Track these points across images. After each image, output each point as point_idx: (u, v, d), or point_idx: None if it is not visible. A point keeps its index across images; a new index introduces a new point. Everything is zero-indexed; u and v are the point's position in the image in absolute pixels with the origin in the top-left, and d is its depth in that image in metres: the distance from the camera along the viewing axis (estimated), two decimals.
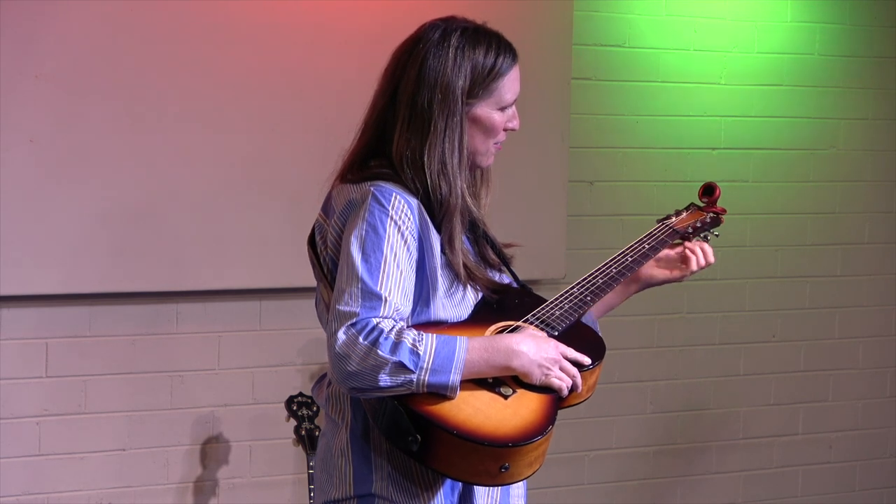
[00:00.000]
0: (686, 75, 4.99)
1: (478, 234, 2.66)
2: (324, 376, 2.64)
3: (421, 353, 2.36)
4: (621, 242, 2.85)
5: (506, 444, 2.38)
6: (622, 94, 4.90)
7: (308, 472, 4.08)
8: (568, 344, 2.53)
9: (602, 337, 2.65)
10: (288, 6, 4.27)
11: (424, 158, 2.51)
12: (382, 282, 2.41)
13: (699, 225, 2.93)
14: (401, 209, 2.47)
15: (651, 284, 2.90)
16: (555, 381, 2.47)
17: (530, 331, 2.53)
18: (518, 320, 2.57)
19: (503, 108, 2.59)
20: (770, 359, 5.24)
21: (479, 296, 2.62)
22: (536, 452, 2.43)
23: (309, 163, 4.09)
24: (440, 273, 2.54)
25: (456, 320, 2.56)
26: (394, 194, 2.48)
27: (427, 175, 2.51)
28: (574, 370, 2.50)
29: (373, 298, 2.39)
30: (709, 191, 2.99)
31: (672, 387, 5.10)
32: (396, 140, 2.53)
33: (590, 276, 2.71)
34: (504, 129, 2.61)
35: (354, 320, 2.37)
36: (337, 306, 2.40)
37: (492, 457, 2.38)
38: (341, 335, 2.37)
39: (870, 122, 5.31)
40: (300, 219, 3.05)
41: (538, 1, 4.59)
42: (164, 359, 4.29)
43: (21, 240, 4.01)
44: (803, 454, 5.33)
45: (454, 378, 2.38)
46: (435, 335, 2.40)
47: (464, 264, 2.56)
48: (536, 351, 2.47)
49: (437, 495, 2.53)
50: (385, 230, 2.45)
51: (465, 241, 2.61)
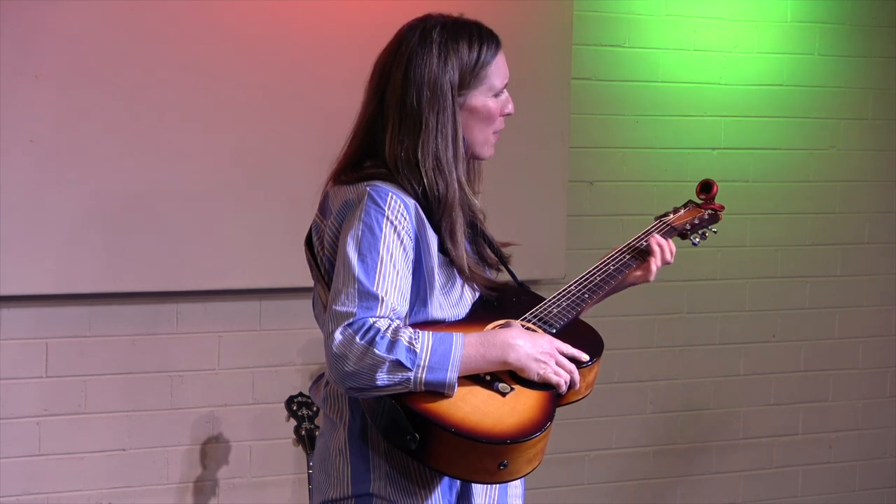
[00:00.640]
0: (686, 75, 4.99)
1: (476, 232, 2.67)
2: (321, 376, 2.64)
3: (418, 350, 2.36)
4: (621, 242, 2.85)
5: (504, 440, 2.38)
6: (622, 94, 4.90)
7: (308, 472, 4.08)
8: (566, 341, 2.53)
9: (600, 334, 2.64)
10: (287, 7, 4.27)
11: (418, 157, 2.51)
12: (379, 282, 2.41)
13: (697, 222, 2.93)
14: (397, 209, 2.47)
15: (621, 288, 2.84)
16: (552, 377, 2.47)
17: (525, 326, 2.54)
18: (516, 318, 2.57)
19: (496, 95, 2.60)
20: (770, 359, 5.24)
21: (477, 295, 2.63)
22: (535, 449, 2.43)
23: (309, 163, 4.08)
24: (437, 272, 2.54)
25: (453, 319, 2.56)
26: (390, 194, 2.48)
27: (423, 173, 2.51)
28: (571, 366, 2.50)
29: (369, 299, 2.40)
30: (706, 187, 2.99)
31: (672, 387, 5.10)
32: (389, 143, 2.53)
33: (587, 274, 2.71)
34: (501, 115, 2.62)
35: (351, 320, 2.37)
36: (334, 307, 2.40)
37: (490, 454, 2.38)
38: (338, 335, 2.37)
39: (870, 122, 5.31)
40: (300, 219, 3.04)
41: (538, 1, 4.59)
42: (163, 359, 4.29)
43: (21, 240, 4.01)
44: (803, 454, 5.33)
45: (451, 375, 2.38)
46: (431, 333, 2.41)
47: (466, 262, 2.56)
48: (532, 345, 2.47)
49: (435, 494, 2.53)
50: (381, 230, 2.45)
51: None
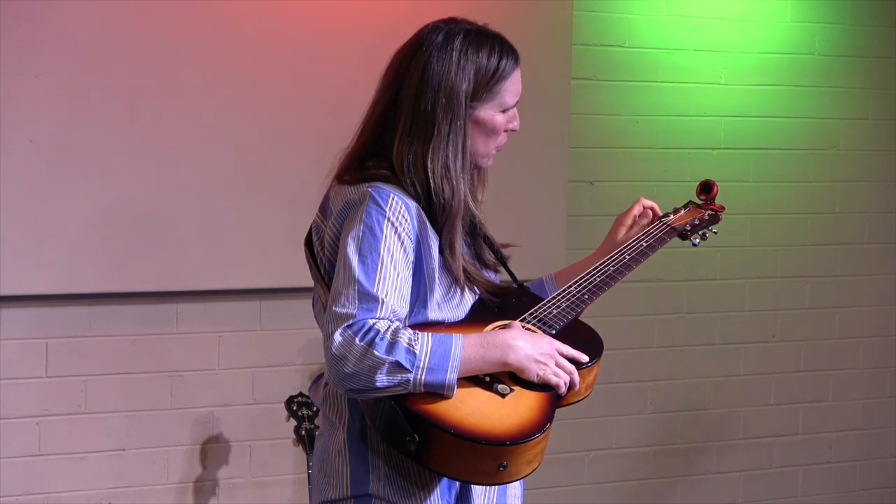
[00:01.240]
0: (686, 75, 4.99)
1: (476, 234, 2.66)
2: (320, 376, 2.64)
3: (417, 352, 2.36)
4: None
5: (503, 442, 2.38)
6: (622, 94, 4.90)
7: (308, 472, 4.08)
8: (565, 342, 2.53)
9: (600, 335, 2.64)
10: (287, 8, 4.27)
11: (427, 162, 2.51)
12: (379, 284, 2.41)
13: (697, 222, 2.93)
14: (398, 211, 2.47)
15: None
16: (552, 377, 2.47)
17: (524, 327, 2.54)
18: (515, 319, 2.57)
19: (505, 111, 2.59)
20: (770, 359, 5.24)
21: (477, 296, 2.62)
22: (535, 450, 2.43)
23: (308, 163, 4.09)
24: (438, 274, 2.54)
25: (453, 320, 2.56)
26: (391, 196, 2.48)
27: (430, 178, 2.51)
28: (571, 367, 2.50)
29: (369, 300, 2.39)
30: (706, 188, 2.99)
31: (672, 387, 5.10)
32: (398, 143, 2.52)
33: (587, 275, 2.71)
34: (505, 131, 2.62)
35: (351, 322, 2.37)
36: (333, 308, 2.40)
37: (490, 455, 2.38)
38: (338, 336, 2.37)
39: (870, 122, 5.31)
40: (300, 219, 3.04)
41: (538, 1, 4.59)
42: (163, 359, 4.29)
43: (21, 240, 4.01)
44: (803, 454, 5.33)
45: (451, 376, 2.38)
46: (431, 334, 2.40)
47: (463, 268, 2.56)
48: (532, 346, 2.47)
49: (434, 495, 2.53)
50: (382, 232, 2.45)
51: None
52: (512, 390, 2.45)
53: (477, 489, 2.57)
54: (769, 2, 5.10)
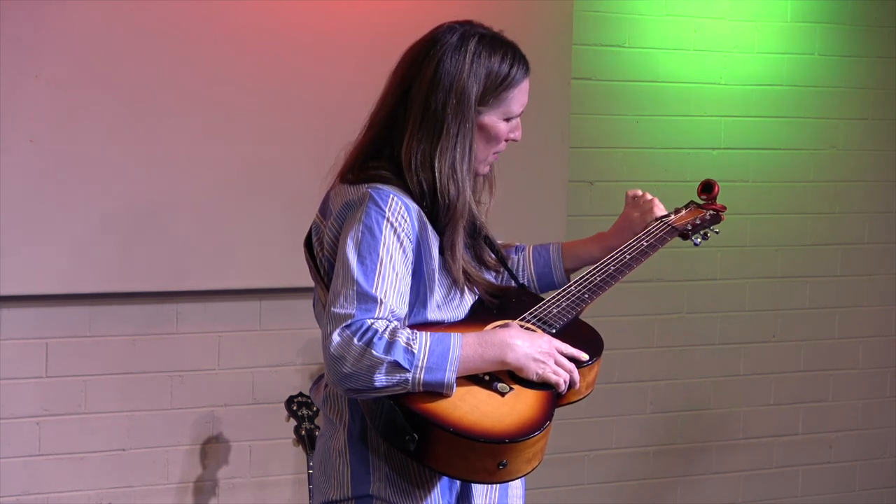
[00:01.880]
0: (686, 75, 4.99)
1: (477, 235, 2.66)
2: (321, 377, 2.64)
3: (415, 351, 2.36)
4: None
5: (503, 440, 2.38)
6: (622, 94, 4.90)
7: (308, 472, 4.08)
8: (565, 341, 2.53)
9: (600, 334, 2.64)
10: (288, 9, 4.27)
11: (435, 161, 2.51)
12: (378, 284, 2.41)
13: (698, 222, 2.92)
14: (397, 211, 2.47)
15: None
16: (551, 376, 2.47)
17: (524, 327, 2.54)
18: (515, 319, 2.57)
19: (509, 119, 2.59)
20: (770, 359, 5.24)
21: (477, 297, 2.63)
22: (534, 449, 2.43)
23: (308, 163, 4.07)
24: (438, 275, 2.54)
25: (453, 320, 2.56)
26: (391, 196, 2.48)
27: (437, 178, 2.51)
28: (570, 365, 2.50)
29: (368, 300, 2.39)
30: (707, 188, 2.98)
31: (672, 387, 5.10)
32: (407, 140, 2.52)
33: (588, 274, 2.71)
34: (506, 140, 2.62)
35: (349, 322, 2.37)
36: (332, 308, 2.40)
37: (489, 454, 2.38)
38: (336, 337, 2.37)
39: (870, 122, 5.31)
40: (300, 219, 3.04)
41: (538, 1, 4.60)
42: (164, 359, 4.29)
43: (21, 240, 4.01)
44: (803, 454, 5.33)
45: (450, 375, 2.38)
46: (429, 333, 2.40)
47: (463, 269, 2.56)
48: (530, 345, 2.47)
49: (435, 495, 2.53)
50: (381, 232, 2.45)
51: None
52: (511, 389, 2.45)
53: (478, 489, 2.57)
54: (769, 2, 5.11)
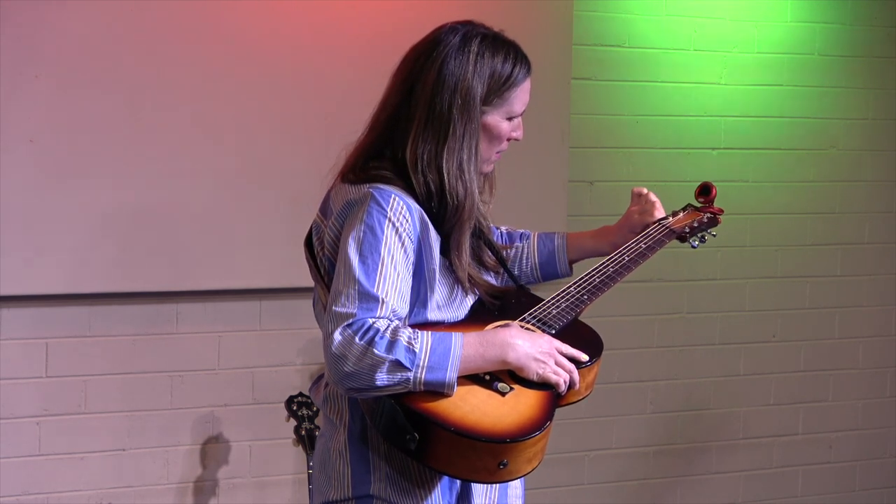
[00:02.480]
0: (686, 75, 4.99)
1: (478, 236, 2.66)
2: (321, 377, 2.64)
3: (417, 350, 2.36)
4: None
5: (503, 440, 2.38)
6: (622, 94, 4.90)
7: (308, 472, 4.08)
8: (565, 341, 2.53)
9: (600, 335, 2.65)
10: (288, 8, 4.27)
11: (443, 162, 2.51)
12: (379, 283, 2.41)
13: (696, 225, 2.93)
14: (399, 211, 2.47)
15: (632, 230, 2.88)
16: (551, 376, 2.47)
17: (524, 327, 2.54)
18: (515, 319, 2.57)
19: (511, 118, 2.59)
20: (770, 359, 5.25)
21: (477, 297, 2.63)
22: (535, 448, 2.43)
23: (309, 163, 4.09)
24: (439, 276, 2.54)
25: (453, 320, 2.57)
26: (392, 196, 2.48)
27: (445, 178, 2.51)
28: (570, 365, 2.51)
29: (369, 300, 2.39)
30: (705, 191, 2.99)
31: (672, 387, 5.10)
32: (412, 141, 2.52)
33: (587, 276, 2.71)
34: (508, 139, 2.62)
35: (351, 321, 2.37)
36: (333, 307, 2.40)
37: (490, 453, 2.38)
38: (337, 336, 2.37)
39: (870, 122, 5.31)
40: (300, 219, 3.04)
41: (538, 1, 4.60)
42: (164, 359, 4.29)
43: (21, 240, 4.02)
44: (803, 454, 5.33)
45: (451, 375, 2.38)
46: (430, 333, 2.41)
47: (468, 273, 2.57)
48: (531, 345, 2.47)
49: (435, 495, 2.53)
50: (383, 232, 2.45)
51: None
52: (512, 389, 2.46)
53: (478, 489, 2.57)
54: (769, 2, 5.11)
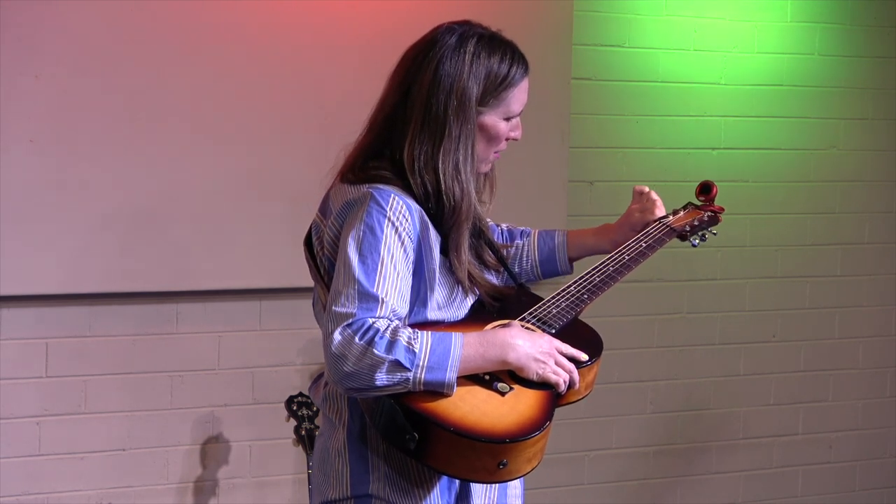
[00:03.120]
0: (686, 75, 4.99)
1: (478, 236, 2.66)
2: (320, 376, 2.64)
3: (417, 350, 2.36)
4: None
5: (503, 440, 2.38)
6: (622, 94, 4.90)
7: (308, 472, 4.08)
8: (565, 341, 2.53)
9: (600, 334, 2.65)
10: (288, 9, 4.27)
11: (439, 163, 2.51)
12: (379, 283, 2.41)
13: (696, 223, 2.92)
14: (399, 211, 2.47)
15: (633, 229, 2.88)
16: (551, 376, 2.47)
17: (524, 327, 2.54)
18: (515, 318, 2.57)
19: (509, 118, 2.59)
20: (770, 359, 5.24)
21: (477, 296, 2.63)
22: (535, 448, 2.43)
23: (308, 163, 4.09)
24: (439, 275, 2.54)
25: (453, 320, 2.57)
26: (392, 196, 2.48)
27: (441, 179, 2.51)
28: (570, 365, 2.51)
29: (369, 300, 2.39)
30: (705, 189, 2.99)
31: (672, 387, 5.10)
32: (409, 142, 2.52)
33: (587, 275, 2.71)
34: (506, 139, 2.62)
35: (351, 321, 2.37)
36: (333, 307, 2.40)
37: (489, 453, 2.38)
38: (337, 336, 2.37)
39: (870, 122, 5.31)
40: (300, 219, 3.04)
41: (538, 1, 4.60)
42: (164, 359, 4.29)
43: (21, 240, 4.02)
44: (803, 454, 5.33)
45: (450, 375, 2.38)
46: (430, 332, 2.41)
47: (468, 272, 2.57)
48: (531, 345, 2.47)
49: (434, 495, 2.53)
50: (382, 231, 2.45)
51: None
52: (511, 388, 2.46)
53: (477, 489, 2.57)
54: (769, 2, 5.11)
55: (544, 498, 4.84)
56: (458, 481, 2.55)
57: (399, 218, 2.47)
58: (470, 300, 2.61)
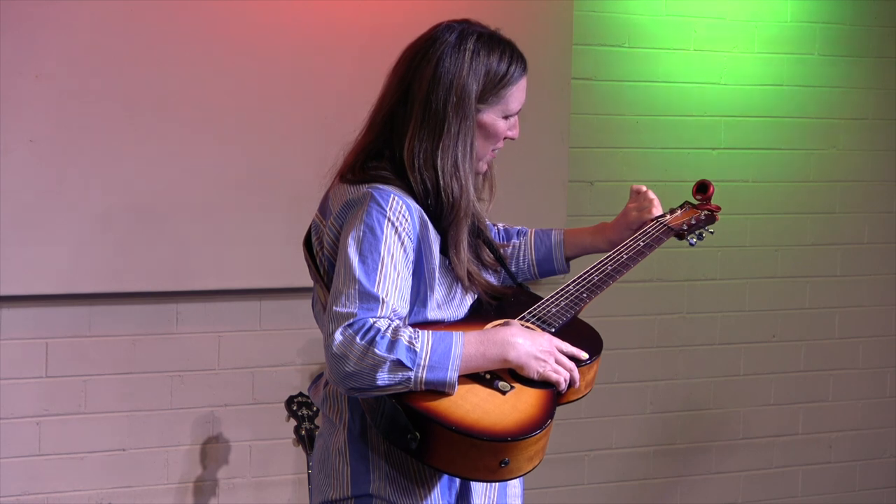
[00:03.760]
0: (686, 75, 4.99)
1: (476, 235, 2.67)
2: (320, 376, 2.64)
3: (418, 350, 2.36)
4: None
5: (504, 438, 2.38)
6: (622, 94, 4.90)
7: (308, 472, 4.08)
8: (565, 339, 2.54)
9: (599, 333, 2.65)
10: (288, 8, 4.27)
11: (437, 160, 2.51)
12: (379, 283, 2.41)
13: (694, 222, 2.93)
14: (398, 211, 2.47)
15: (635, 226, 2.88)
16: (551, 375, 2.48)
17: (524, 325, 2.54)
18: (515, 318, 2.57)
19: (507, 117, 2.60)
20: (770, 359, 5.24)
21: (476, 296, 2.63)
22: (536, 447, 2.43)
23: (308, 163, 4.08)
24: (439, 274, 2.54)
25: (453, 319, 2.57)
26: (392, 196, 2.48)
27: (440, 176, 2.51)
28: (571, 364, 2.51)
29: (370, 300, 2.40)
30: (702, 188, 2.99)
31: (672, 387, 5.10)
32: (409, 139, 2.53)
33: (585, 274, 2.71)
34: (504, 138, 2.62)
35: (351, 321, 2.37)
36: (334, 307, 2.40)
37: (491, 452, 2.38)
38: (338, 336, 2.37)
39: (870, 122, 5.31)
40: (300, 219, 3.05)
41: (538, 1, 4.60)
42: (164, 359, 4.29)
43: (21, 240, 4.02)
44: (803, 454, 5.33)
45: (452, 374, 2.39)
46: (431, 332, 2.41)
47: (467, 270, 2.57)
48: (532, 343, 2.47)
49: (435, 495, 2.53)
50: (382, 231, 2.45)
51: None
52: (512, 387, 2.46)
53: (477, 489, 2.57)
54: (769, 2, 5.11)
55: (544, 498, 4.84)
56: (458, 481, 2.55)
57: (399, 218, 2.47)
58: (469, 299, 2.62)
